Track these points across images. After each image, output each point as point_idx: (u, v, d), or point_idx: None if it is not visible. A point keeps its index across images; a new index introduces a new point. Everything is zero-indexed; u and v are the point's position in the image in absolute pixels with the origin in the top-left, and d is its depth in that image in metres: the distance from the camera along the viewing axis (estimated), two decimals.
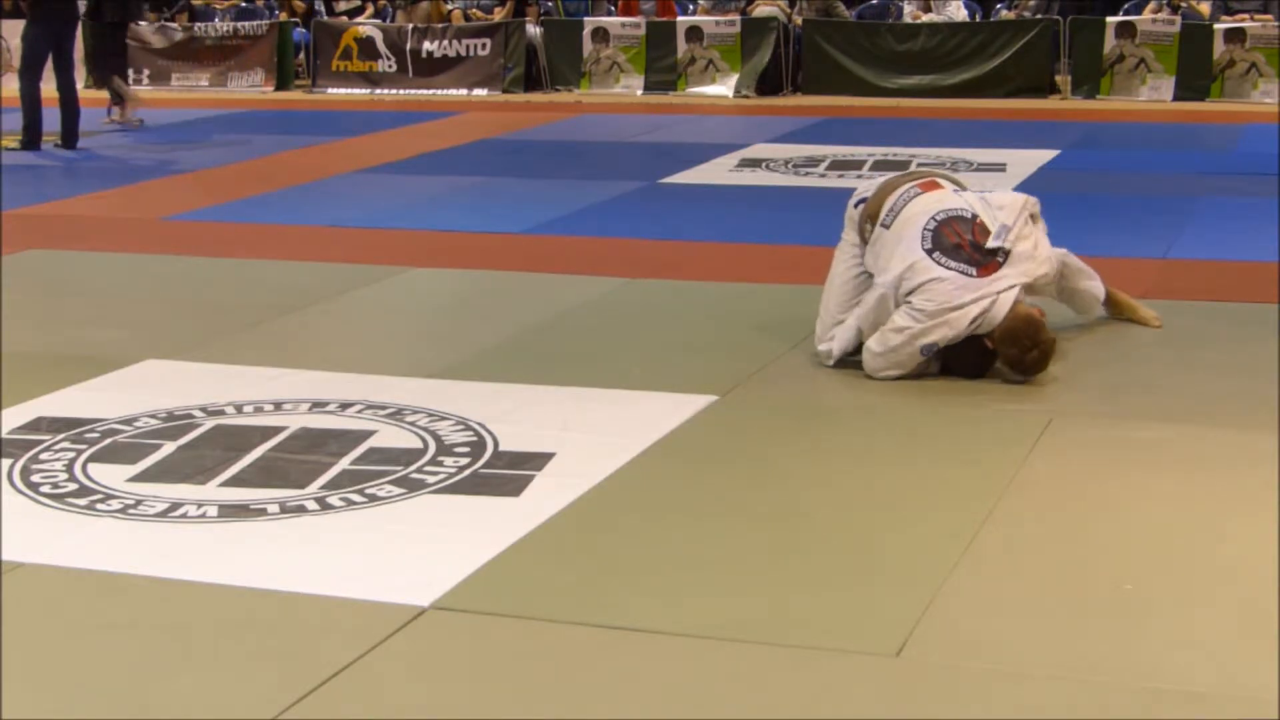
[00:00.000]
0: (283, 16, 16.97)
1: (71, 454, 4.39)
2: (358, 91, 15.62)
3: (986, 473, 4.16)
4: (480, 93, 15.34)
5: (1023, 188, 8.88)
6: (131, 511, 3.95)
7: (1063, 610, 3.31)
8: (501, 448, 4.40)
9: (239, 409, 4.79)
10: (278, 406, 4.82)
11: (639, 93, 15.12)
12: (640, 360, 5.34)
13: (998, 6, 16.10)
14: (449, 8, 16.44)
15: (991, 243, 4.97)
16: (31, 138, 11.25)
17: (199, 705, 2.95)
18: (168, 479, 4.18)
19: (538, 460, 4.27)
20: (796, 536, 3.76)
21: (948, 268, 4.91)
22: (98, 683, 3.06)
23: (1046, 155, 10.34)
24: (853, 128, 12.28)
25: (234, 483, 4.15)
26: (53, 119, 11.27)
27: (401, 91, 15.48)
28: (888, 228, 5.09)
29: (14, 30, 13.08)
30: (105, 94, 13.11)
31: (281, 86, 16.00)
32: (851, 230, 5.30)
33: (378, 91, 15.55)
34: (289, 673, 3.06)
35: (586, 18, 16.10)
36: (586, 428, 4.57)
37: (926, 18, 15.26)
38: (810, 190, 9.18)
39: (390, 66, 15.71)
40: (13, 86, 11.87)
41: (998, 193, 5.34)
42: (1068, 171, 9.72)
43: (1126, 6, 15.10)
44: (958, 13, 15.34)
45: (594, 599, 3.41)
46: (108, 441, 4.50)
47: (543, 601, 3.40)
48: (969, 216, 5.05)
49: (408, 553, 3.68)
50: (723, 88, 14.91)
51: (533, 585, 3.49)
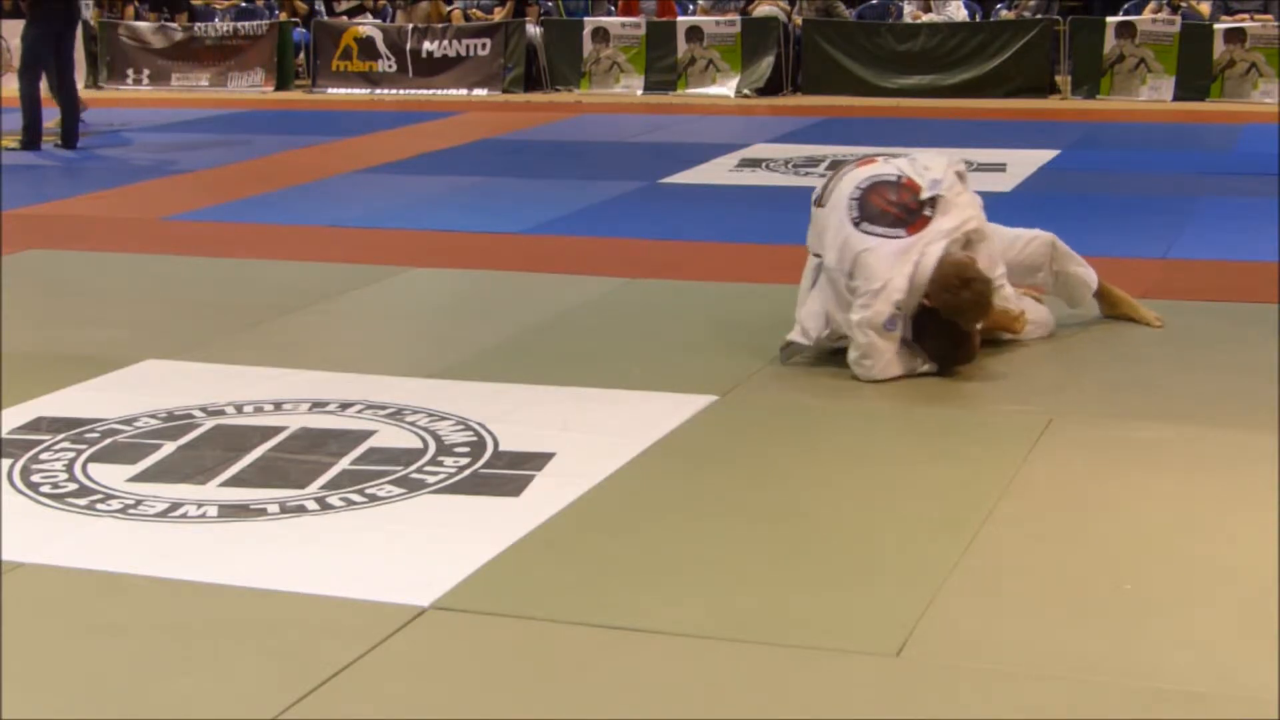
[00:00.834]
0: (283, 16, 16.97)
1: (71, 454, 4.39)
2: (358, 91, 15.62)
3: (986, 473, 4.16)
4: (480, 93, 15.34)
5: (1023, 188, 8.93)
6: (131, 511, 3.95)
7: (1063, 610, 3.31)
8: (501, 448, 4.40)
9: (239, 409, 4.79)
10: (278, 406, 4.82)
11: (639, 93, 15.12)
12: (640, 360, 5.34)
13: (998, 6, 16.10)
14: (449, 8, 16.44)
15: (925, 193, 5.02)
16: (31, 138, 11.25)
17: (199, 705, 2.95)
18: (168, 479, 4.18)
19: (538, 460, 4.27)
20: (796, 536, 3.76)
21: (874, 234, 4.97)
22: (98, 683, 3.06)
23: (1046, 155, 10.34)
24: (853, 128, 12.28)
25: (234, 483, 4.15)
26: (52, 119, 11.28)
27: (401, 91, 15.48)
28: (822, 206, 5.23)
29: (14, 30, 13.08)
30: (102, 95, 13.08)
31: (281, 86, 16.00)
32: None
33: (378, 91, 15.55)
34: (289, 673, 3.06)
35: (586, 18, 16.11)
36: (586, 428, 4.57)
37: (926, 18, 15.26)
38: (810, 190, 9.11)
39: (390, 66, 15.71)
40: (12, 87, 11.88)
41: (923, 155, 5.39)
42: (1068, 171, 9.73)
43: (1126, 6, 15.10)
44: (958, 13, 15.34)
45: (594, 599, 3.41)
46: (108, 441, 4.50)
47: (543, 601, 3.40)
48: (894, 179, 5.12)
49: (408, 553, 3.68)
50: (723, 88, 14.92)
51: (533, 585, 3.49)
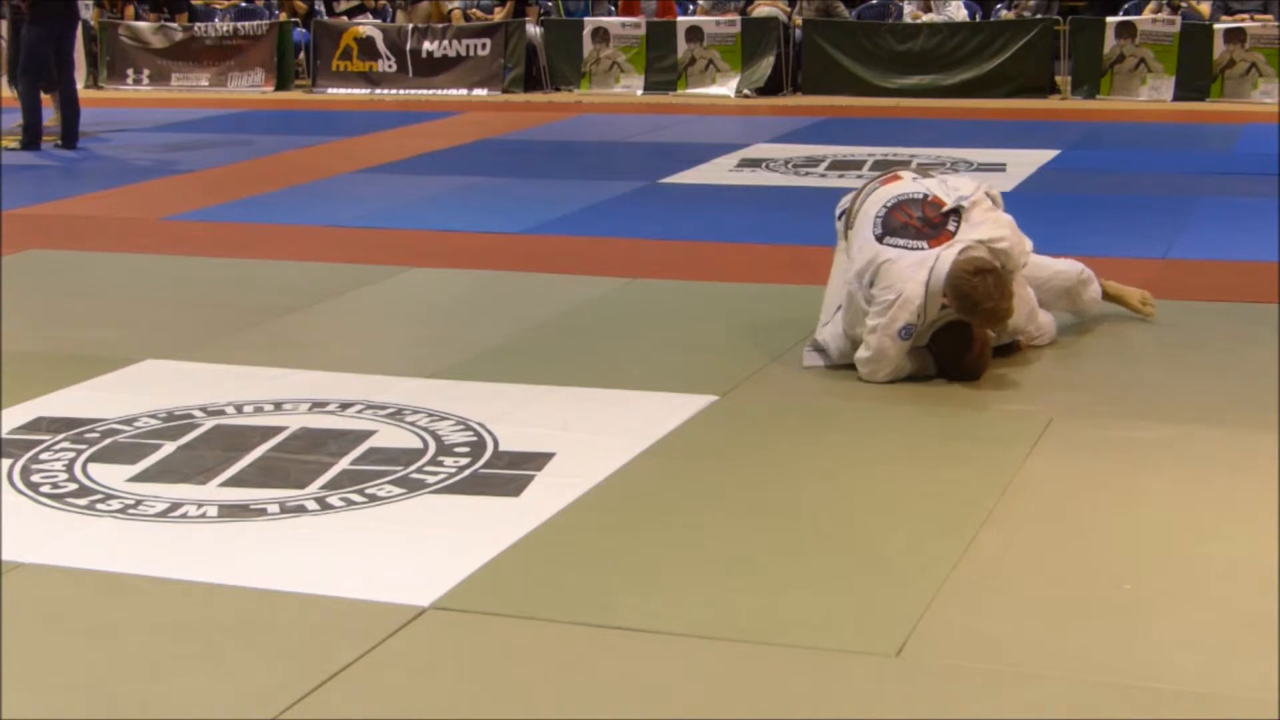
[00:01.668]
0: (283, 16, 16.96)
1: (71, 454, 4.39)
2: (358, 91, 15.62)
3: (986, 473, 4.16)
4: (480, 93, 15.34)
5: (1023, 188, 8.93)
6: (131, 511, 3.95)
7: (1063, 610, 3.31)
8: (501, 448, 4.40)
9: (239, 409, 4.79)
10: (278, 406, 4.82)
11: (639, 93, 15.12)
12: (640, 360, 5.34)
13: (998, 6, 16.10)
14: (449, 8, 16.43)
15: (950, 205, 4.98)
16: (31, 138, 11.25)
17: (199, 705, 2.95)
18: (168, 479, 4.18)
19: (538, 460, 4.27)
20: (796, 536, 3.77)
21: (895, 246, 4.93)
22: (98, 683, 3.06)
23: (1046, 155, 10.34)
24: (853, 128, 12.28)
25: (234, 483, 4.15)
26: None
27: (401, 91, 15.47)
28: (853, 229, 5.17)
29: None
30: (102, 95, 13.08)
31: (281, 86, 15.99)
32: (840, 240, 5.37)
33: (378, 91, 15.55)
34: (289, 673, 3.06)
35: (586, 18, 16.10)
36: (586, 428, 4.57)
37: (926, 18, 15.26)
38: (810, 190, 9.17)
39: (390, 66, 15.70)
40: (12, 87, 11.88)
41: (954, 178, 5.33)
42: (1068, 171, 9.72)
43: (1126, 6, 15.10)
44: (958, 13, 15.33)
45: (594, 599, 3.41)
46: (108, 441, 4.50)
47: (543, 601, 3.40)
48: (919, 197, 5.07)
49: (408, 553, 3.68)
50: (723, 88, 14.91)
51: (533, 585, 3.50)
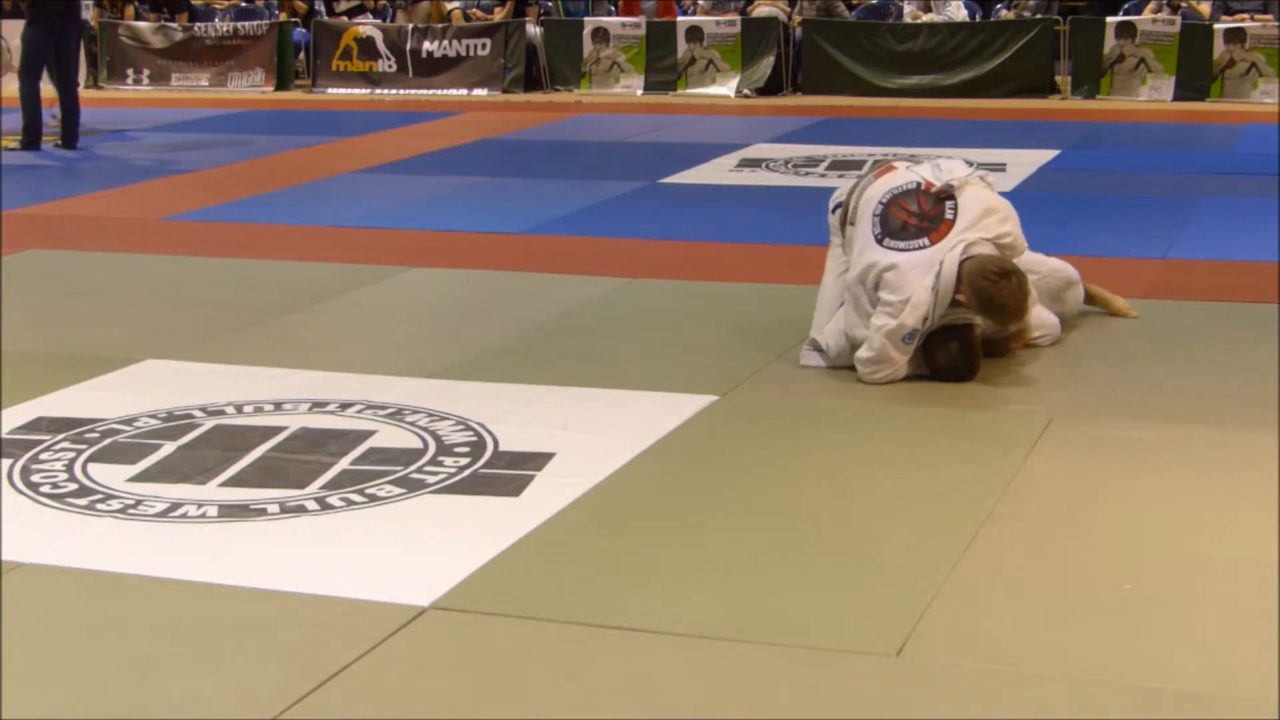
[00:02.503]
0: (283, 16, 16.96)
1: (71, 454, 4.39)
2: (358, 91, 15.62)
3: (986, 473, 4.16)
4: (480, 93, 15.34)
5: (1023, 188, 8.92)
6: (131, 511, 3.95)
7: (1063, 610, 3.31)
8: (501, 448, 4.40)
9: (239, 409, 4.79)
10: (278, 406, 4.82)
11: (639, 93, 15.12)
12: (640, 360, 5.34)
13: (997, 6, 16.10)
14: (449, 8, 16.44)
15: (939, 185, 4.95)
16: (31, 138, 11.25)
17: (199, 705, 2.95)
18: (168, 479, 4.18)
19: (538, 460, 4.27)
20: (797, 536, 3.77)
21: (897, 250, 4.91)
22: (98, 683, 3.06)
23: (1046, 155, 10.34)
24: (853, 128, 12.28)
25: (234, 483, 4.15)
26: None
27: (401, 91, 15.47)
28: (854, 225, 5.15)
29: (14, 30, 13.07)
30: (102, 95, 13.07)
31: (281, 86, 15.99)
32: (835, 235, 5.34)
33: (378, 91, 15.55)
34: (289, 673, 3.06)
35: (586, 18, 16.10)
36: (586, 428, 4.57)
37: (926, 18, 15.26)
38: (810, 190, 9.16)
39: (390, 66, 15.70)
40: (12, 87, 11.87)
41: (947, 161, 5.31)
42: (1068, 171, 9.72)
43: (1126, 6, 15.10)
44: (958, 13, 15.33)
45: (594, 599, 3.41)
46: (108, 441, 4.50)
47: (543, 601, 3.40)
48: (913, 187, 5.05)
49: (408, 553, 3.68)
50: (723, 88, 14.91)
51: (533, 585, 3.50)
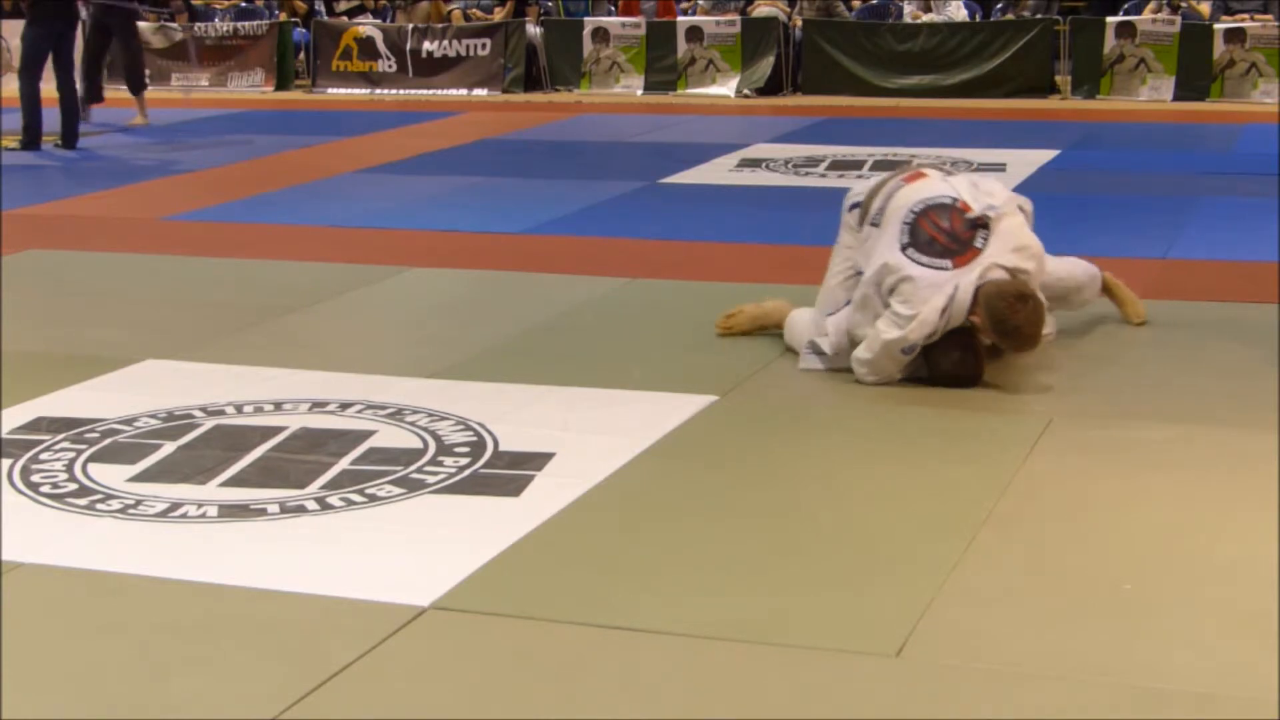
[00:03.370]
0: (283, 16, 16.96)
1: (71, 454, 4.39)
2: (358, 91, 15.62)
3: (986, 473, 4.16)
4: (480, 93, 15.34)
5: (1022, 188, 8.90)
6: (131, 511, 3.95)
7: (1063, 610, 3.31)
8: (501, 448, 4.40)
9: (239, 409, 4.79)
10: (278, 406, 4.82)
11: (639, 93, 15.12)
12: (640, 360, 5.34)
13: (997, 6, 16.10)
14: (449, 8, 16.44)
15: (977, 212, 4.85)
16: (31, 138, 11.25)
17: (199, 705, 2.95)
18: (168, 479, 4.18)
19: (538, 460, 4.27)
20: (796, 536, 3.77)
21: (919, 263, 4.82)
22: (97, 683, 3.06)
23: (1046, 155, 10.34)
24: (853, 128, 12.28)
25: (234, 483, 4.15)
26: (52, 119, 11.28)
27: (401, 91, 15.47)
28: (877, 226, 5.06)
29: (14, 30, 13.07)
30: (105, 94, 13.05)
31: (281, 86, 15.99)
32: (847, 234, 5.27)
33: (378, 91, 15.55)
34: (289, 673, 3.06)
35: (586, 17, 16.10)
36: (586, 428, 4.57)
37: (926, 18, 15.26)
38: (810, 190, 9.18)
39: (390, 66, 15.70)
40: (12, 87, 11.87)
41: (986, 182, 5.20)
42: (1068, 171, 9.72)
43: (1126, 6, 15.10)
44: (958, 13, 15.33)
45: (594, 599, 3.41)
46: (108, 441, 4.50)
47: (543, 601, 3.40)
48: (949, 202, 4.93)
49: (408, 553, 3.68)
50: (723, 88, 14.91)
51: (533, 585, 3.50)
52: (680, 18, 15.90)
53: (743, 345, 5.47)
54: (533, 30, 15.61)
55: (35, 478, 4.20)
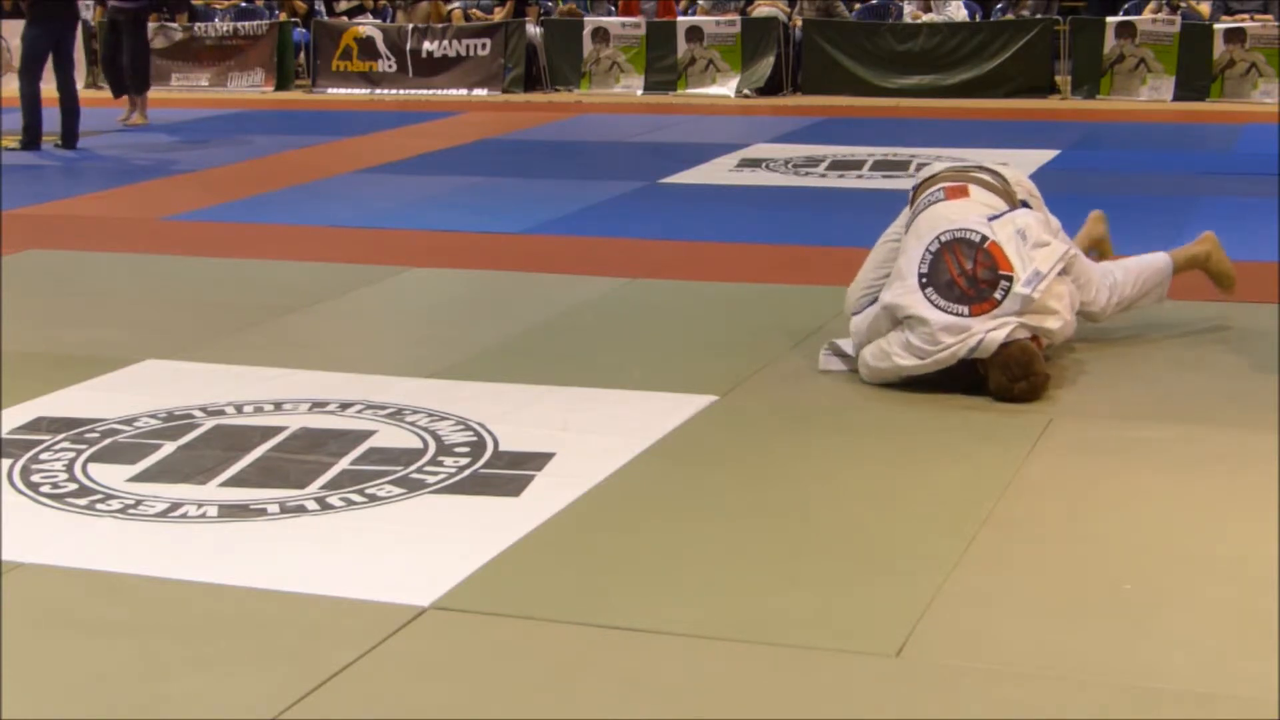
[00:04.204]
0: (283, 16, 16.96)
1: (71, 454, 4.39)
2: (358, 91, 15.62)
3: (986, 473, 4.16)
4: (480, 93, 15.34)
5: None
6: (131, 511, 3.95)
7: (1063, 610, 3.31)
8: (501, 448, 4.40)
9: (239, 409, 4.79)
10: (278, 406, 4.82)
11: (639, 93, 15.12)
12: (640, 360, 5.34)
13: (998, 6, 16.10)
14: (449, 8, 16.44)
15: (1020, 288, 4.72)
16: (31, 138, 11.25)
17: (199, 705, 2.95)
18: (168, 479, 4.17)
19: (538, 460, 4.27)
20: (797, 536, 3.76)
21: (936, 307, 4.74)
22: (98, 683, 3.05)
23: (1046, 155, 10.34)
24: (853, 128, 12.28)
25: (234, 483, 4.15)
26: (52, 119, 11.28)
27: (401, 91, 15.48)
28: (906, 230, 5.02)
29: (14, 30, 13.07)
30: (102, 95, 13.08)
31: (281, 86, 16.00)
32: (901, 217, 5.21)
33: (378, 91, 15.55)
34: (289, 673, 3.06)
35: (587, 17, 16.10)
36: (586, 428, 4.57)
37: (926, 18, 15.26)
38: (810, 190, 9.18)
39: (390, 66, 15.71)
40: (12, 86, 11.87)
41: (1040, 225, 4.97)
42: (1068, 171, 9.72)
43: (1126, 6, 15.10)
44: (958, 13, 15.34)
45: (594, 599, 3.41)
46: (108, 441, 4.50)
47: (543, 601, 3.40)
48: (976, 240, 4.79)
49: (408, 553, 3.68)
50: (723, 88, 14.92)
51: (533, 585, 3.49)
52: (680, 18, 15.91)
53: (743, 345, 5.47)
54: (533, 30, 15.62)
55: (35, 478, 4.20)
